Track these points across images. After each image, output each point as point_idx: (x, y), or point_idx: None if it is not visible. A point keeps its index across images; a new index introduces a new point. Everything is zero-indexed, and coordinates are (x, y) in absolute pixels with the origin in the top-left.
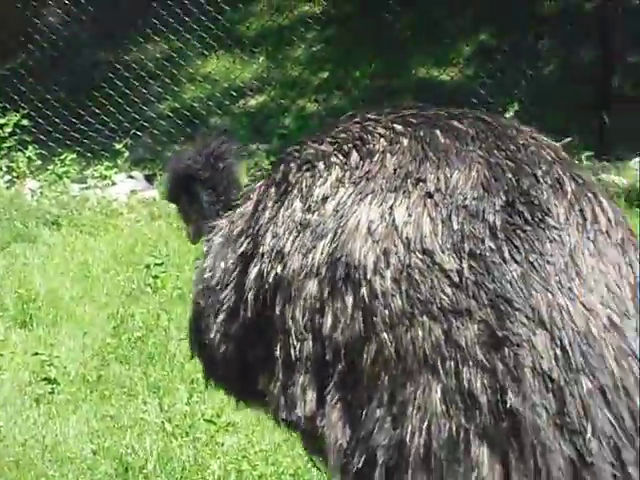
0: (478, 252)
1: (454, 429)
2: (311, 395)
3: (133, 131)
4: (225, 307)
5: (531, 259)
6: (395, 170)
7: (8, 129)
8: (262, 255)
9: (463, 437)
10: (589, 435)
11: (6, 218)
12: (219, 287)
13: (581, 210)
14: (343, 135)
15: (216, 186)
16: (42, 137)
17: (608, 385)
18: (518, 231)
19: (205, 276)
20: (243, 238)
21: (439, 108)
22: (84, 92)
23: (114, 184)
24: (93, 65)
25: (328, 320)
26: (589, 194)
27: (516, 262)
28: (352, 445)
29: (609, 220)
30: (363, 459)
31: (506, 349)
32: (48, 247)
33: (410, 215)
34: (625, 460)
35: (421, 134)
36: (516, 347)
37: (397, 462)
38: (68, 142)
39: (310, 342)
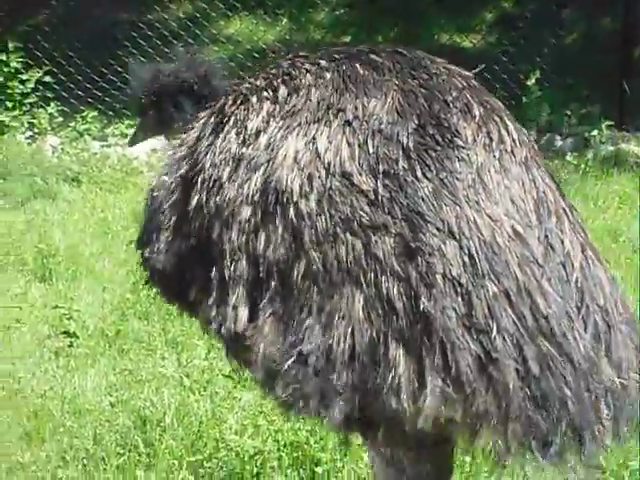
0: (392, 172)
1: (374, 334)
2: (243, 311)
3: None
4: (167, 226)
5: (441, 176)
6: (318, 103)
7: (30, 85)
8: (201, 183)
9: (382, 341)
10: (494, 334)
11: (27, 174)
12: (160, 209)
13: (488, 132)
14: (274, 71)
15: (206, 100)
16: (64, 94)
17: (512, 288)
18: (429, 151)
19: (151, 202)
20: (184, 162)
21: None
22: (107, 50)
23: None
24: (116, 23)
25: (261, 241)
26: (496, 117)
27: (427, 179)
28: (282, 351)
29: (514, 141)
30: (292, 362)
31: (419, 258)
32: (68, 203)
33: (331, 142)
34: (526, 356)
35: (343, 68)
36: (428, 256)
37: (325, 365)
38: (90, 99)
39: (244, 262)
